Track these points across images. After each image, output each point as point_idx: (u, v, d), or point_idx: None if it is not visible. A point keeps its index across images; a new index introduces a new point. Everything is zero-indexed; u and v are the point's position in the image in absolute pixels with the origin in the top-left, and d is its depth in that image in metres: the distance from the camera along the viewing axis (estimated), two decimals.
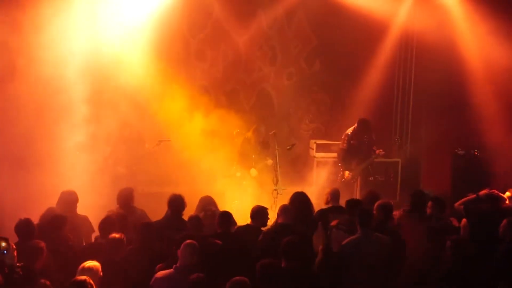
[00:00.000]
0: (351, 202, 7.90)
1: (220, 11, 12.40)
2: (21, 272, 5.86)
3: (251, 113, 12.72)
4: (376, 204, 7.66)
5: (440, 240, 7.05)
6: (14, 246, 6.07)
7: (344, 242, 6.87)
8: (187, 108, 12.13)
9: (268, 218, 7.72)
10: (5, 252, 5.76)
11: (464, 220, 7.85)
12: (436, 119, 12.47)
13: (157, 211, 8.27)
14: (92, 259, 6.00)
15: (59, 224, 7.10)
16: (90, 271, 5.78)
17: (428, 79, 12.45)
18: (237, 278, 5.61)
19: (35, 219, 7.17)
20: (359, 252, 6.75)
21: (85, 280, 5.48)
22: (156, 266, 6.45)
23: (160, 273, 6.23)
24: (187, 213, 7.79)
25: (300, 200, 7.84)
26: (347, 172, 10.90)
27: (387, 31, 12.70)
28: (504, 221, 7.02)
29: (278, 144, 10.83)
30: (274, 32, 12.92)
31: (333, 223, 7.58)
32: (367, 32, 12.48)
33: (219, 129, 11.56)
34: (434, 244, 7.23)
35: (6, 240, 5.83)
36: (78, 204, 7.97)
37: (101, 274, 5.86)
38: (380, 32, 12.58)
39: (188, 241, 6.33)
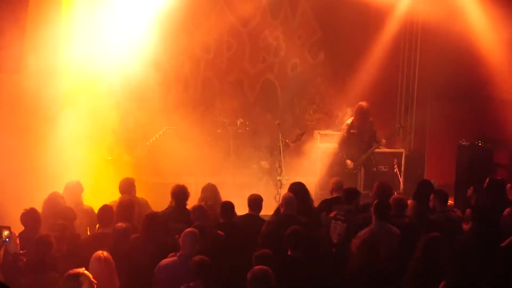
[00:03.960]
0: (350, 192, 7.88)
1: (224, 1, 12.40)
2: (25, 260, 5.93)
3: (255, 103, 12.75)
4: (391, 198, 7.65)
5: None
6: (17, 235, 6.13)
7: (361, 233, 6.89)
8: (192, 98, 12.20)
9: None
10: (7, 240, 5.81)
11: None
12: (441, 109, 12.45)
13: (160, 202, 8.34)
14: (99, 248, 6.05)
15: (68, 216, 7.19)
16: (104, 261, 5.82)
17: (432, 69, 12.42)
18: (258, 267, 5.60)
19: (38, 206, 7.26)
20: (373, 241, 6.76)
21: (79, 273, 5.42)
22: (160, 256, 6.50)
23: (164, 261, 6.27)
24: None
25: (298, 191, 7.85)
26: (349, 161, 10.90)
27: (391, 20, 12.64)
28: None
29: (282, 134, 10.88)
30: (279, 22, 12.90)
31: (331, 214, 7.64)
32: (371, 22, 12.48)
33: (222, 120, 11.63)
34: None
35: (8, 228, 5.88)
36: (83, 195, 8.03)
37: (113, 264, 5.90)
38: (384, 21, 12.54)
39: (188, 229, 6.37)
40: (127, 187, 8.16)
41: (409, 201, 8.23)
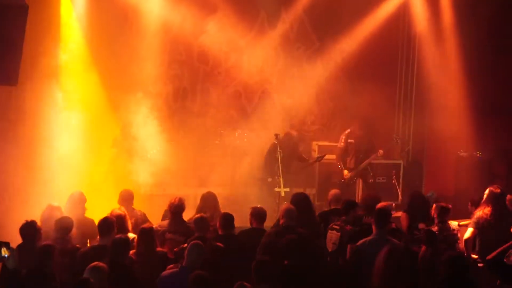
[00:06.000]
0: (347, 203, 7.90)
1: (222, 12, 12.40)
2: (25, 275, 5.90)
3: (253, 114, 12.72)
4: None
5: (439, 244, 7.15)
6: (17, 250, 6.10)
7: (359, 243, 6.90)
8: (190, 109, 12.19)
9: None
10: (5, 256, 5.76)
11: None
12: (439, 120, 12.47)
13: (158, 213, 8.33)
14: (98, 260, 6.03)
15: (67, 227, 7.17)
16: (98, 271, 5.81)
17: (431, 79, 12.47)
18: (239, 282, 5.66)
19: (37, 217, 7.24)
20: (373, 252, 6.74)
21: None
22: (159, 268, 6.49)
23: (165, 273, 6.31)
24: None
25: (300, 201, 7.84)
26: (346, 171, 10.91)
27: (389, 31, 12.71)
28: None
29: (280, 146, 10.85)
30: (277, 33, 12.91)
31: (330, 224, 7.67)
32: (370, 33, 12.50)
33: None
34: (433, 249, 7.28)
35: (6, 244, 5.83)
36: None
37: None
38: (382, 32, 12.57)
39: (194, 241, 6.39)
40: (126, 198, 8.16)
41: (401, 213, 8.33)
